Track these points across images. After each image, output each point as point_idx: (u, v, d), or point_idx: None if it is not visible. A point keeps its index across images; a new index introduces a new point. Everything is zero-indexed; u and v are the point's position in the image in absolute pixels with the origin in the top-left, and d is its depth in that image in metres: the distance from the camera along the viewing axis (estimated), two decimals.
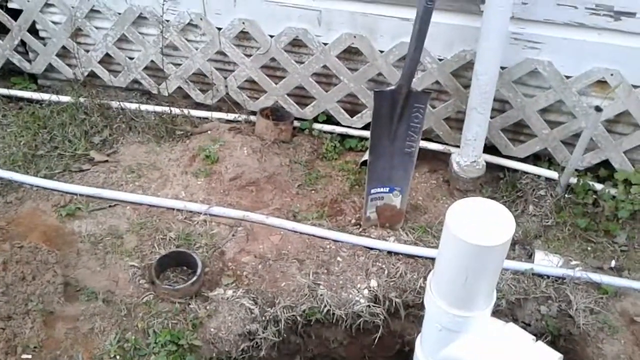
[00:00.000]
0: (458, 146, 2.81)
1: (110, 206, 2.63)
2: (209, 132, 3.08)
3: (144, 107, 3.19)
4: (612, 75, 2.51)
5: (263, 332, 2.21)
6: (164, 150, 2.98)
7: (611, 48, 2.48)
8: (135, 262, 2.37)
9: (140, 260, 2.38)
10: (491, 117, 2.69)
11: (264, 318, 2.23)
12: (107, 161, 2.89)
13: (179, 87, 3.20)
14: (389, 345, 2.43)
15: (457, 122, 2.88)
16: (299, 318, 2.27)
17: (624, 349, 2.12)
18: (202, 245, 2.47)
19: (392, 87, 2.40)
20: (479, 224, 1.66)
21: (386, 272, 2.43)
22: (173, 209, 2.62)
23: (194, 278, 2.24)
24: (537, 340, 1.87)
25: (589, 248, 2.54)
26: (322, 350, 2.46)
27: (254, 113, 3.12)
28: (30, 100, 3.28)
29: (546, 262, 2.47)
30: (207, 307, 2.23)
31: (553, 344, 2.21)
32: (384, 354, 2.46)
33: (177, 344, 2.06)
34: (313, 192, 2.83)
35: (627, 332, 2.18)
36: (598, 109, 2.42)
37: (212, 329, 2.17)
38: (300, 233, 2.57)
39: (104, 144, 2.98)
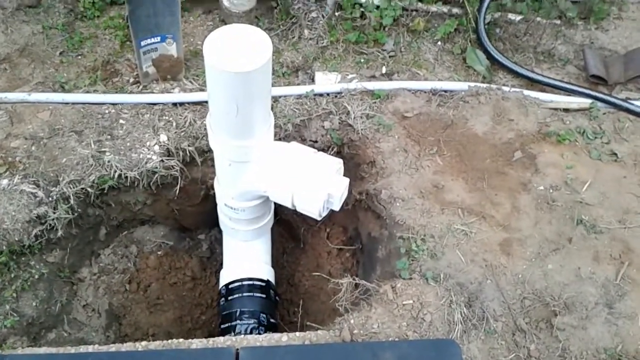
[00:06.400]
0: None
1: None
2: None
3: None
4: None
5: (54, 213, 2.08)
6: None
7: None
8: None
9: None
10: None
11: (50, 199, 2.09)
12: None
13: None
14: (194, 193, 2.45)
15: None
16: (90, 190, 2.16)
17: (398, 143, 2.34)
18: None
19: None
20: (236, 52, 1.63)
21: (174, 124, 2.37)
22: None
23: None
24: (320, 152, 2.01)
25: (362, 60, 2.68)
26: (127, 214, 2.42)
27: None
28: None
29: (325, 81, 2.58)
30: None
31: (339, 153, 2.38)
32: (191, 202, 2.49)
33: None
34: (80, 57, 2.56)
35: (399, 128, 2.40)
36: None
37: None
38: (73, 104, 2.36)
39: None
